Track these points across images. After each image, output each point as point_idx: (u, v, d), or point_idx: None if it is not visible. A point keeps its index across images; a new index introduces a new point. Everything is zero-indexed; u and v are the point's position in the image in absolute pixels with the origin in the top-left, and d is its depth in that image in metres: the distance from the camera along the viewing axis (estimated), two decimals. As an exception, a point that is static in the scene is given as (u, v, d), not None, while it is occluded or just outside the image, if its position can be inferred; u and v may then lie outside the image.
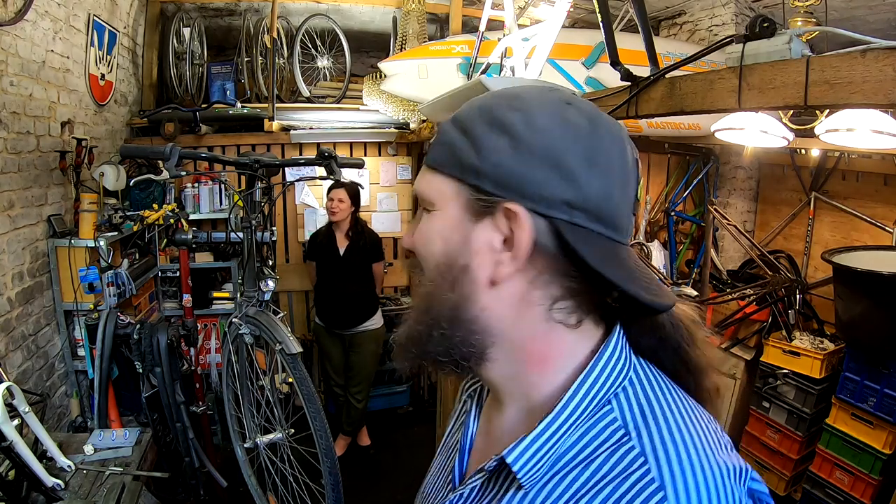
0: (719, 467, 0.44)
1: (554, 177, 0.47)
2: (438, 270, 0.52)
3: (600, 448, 0.47)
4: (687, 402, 0.50)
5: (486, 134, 0.49)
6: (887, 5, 2.95)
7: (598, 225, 0.48)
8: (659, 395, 0.49)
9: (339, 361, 3.30)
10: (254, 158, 1.82)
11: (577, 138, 0.48)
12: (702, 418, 0.49)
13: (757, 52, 1.27)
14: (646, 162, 3.62)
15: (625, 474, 0.44)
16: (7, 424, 1.41)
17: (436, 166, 0.52)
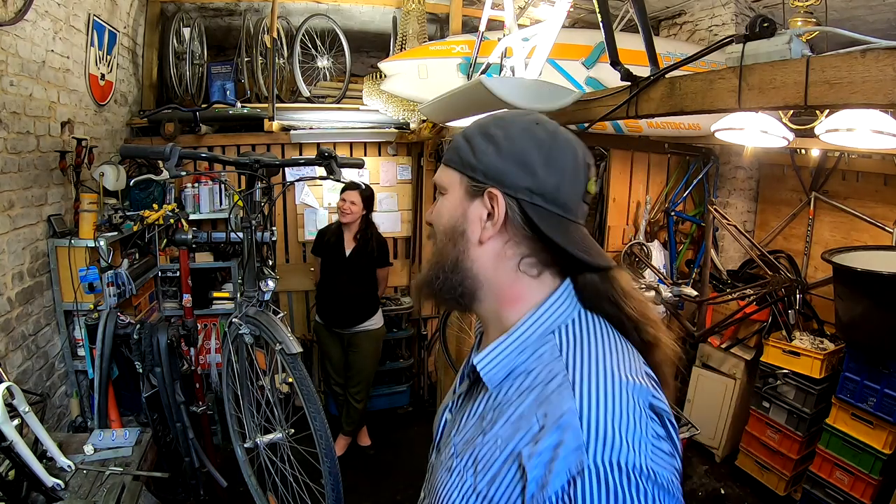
0: (622, 380, 0.61)
1: (521, 172, 0.69)
2: (446, 234, 0.74)
3: (539, 362, 0.67)
4: (614, 338, 0.68)
5: (480, 142, 0.72)
6: (887, 5, 2.95)
7: (552, 206, 0.69)
8: (592, 330, 0.68)
9: (339, 360, 3.30)
10: (254, 158, 1.82)
11: (539, 147, 0.70)
12: (622, 350, 0.66)
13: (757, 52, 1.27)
14: (645, 162, 3.62)
15: (551, 377, 0.63)
16: (7, 424, 1.41)
17: (448, 163, 0.75)
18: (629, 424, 0.58)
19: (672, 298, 2.67)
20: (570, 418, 0.58)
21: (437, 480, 0.73)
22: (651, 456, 0.57)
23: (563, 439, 0.57)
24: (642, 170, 3.62)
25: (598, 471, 0.55)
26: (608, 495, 0.54)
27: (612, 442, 0.56)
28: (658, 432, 0.59)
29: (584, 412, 0.58)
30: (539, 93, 1.70)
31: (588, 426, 0.57)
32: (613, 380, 0.61)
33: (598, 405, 0.58)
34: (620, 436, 0.57)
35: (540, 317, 0.69)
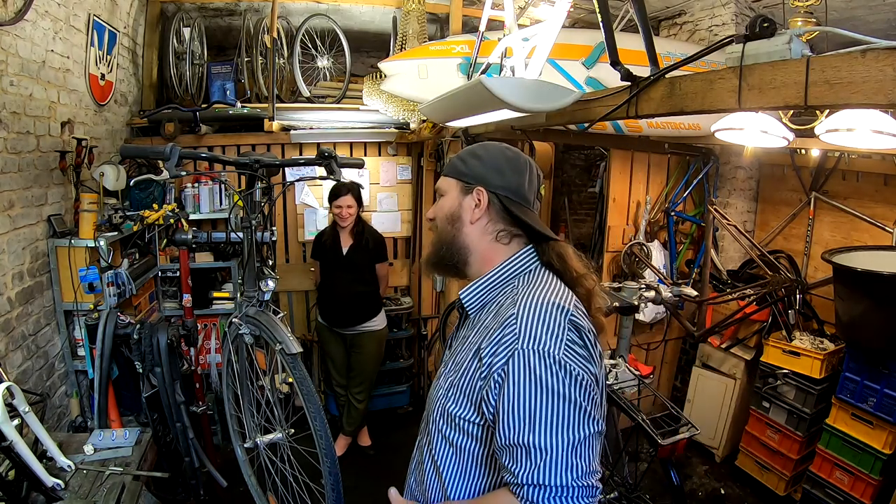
0: (550, 299, 0.91)
1: (497, 176, 1.05)
2: (447, 219, 1.08)
3: (502, 296, 1.00)
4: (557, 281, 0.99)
5: (469, 159, 1.09)
6: (887, 5, 2.95)
7: (516, 198, 1.05)
8: (543, 274, 1.00)
9: (341, 361, 3.30)
10: (254, 158, 1.82)
11: (507, 161, 1.07)
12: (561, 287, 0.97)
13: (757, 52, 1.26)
14: (645, 162, 3.62)
15: (507, 300, 0.97)
16: (7, 424, 1.41)
17: (447, 174, 1.12)
18: (550, 327, 0.86)
19: (672, 298, 2.67)
20: (511, 321, 0.89)
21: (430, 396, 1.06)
22: (565, 351, 0.84)
23: (504, 334, 0.89)
24: (642, 170, 3.61)
25: (524, 354, 0.85)
26: (528, 371, 0.83)
27: (534, 336, 0.86)
28: (574, 339, 0.87)
29: (520, 316, 0.89)
30: (539, 93, 1.70)
31: (520, 325, 0.88)
32: (544, 299, 0.91)
33: (529, 312, 0.89)
34: (541, 333, 0.86)
35: (507, 264, 1.03)
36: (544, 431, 0.80)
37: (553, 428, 0.80)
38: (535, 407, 0.81)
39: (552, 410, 0.80)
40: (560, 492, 0.80)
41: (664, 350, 3.85)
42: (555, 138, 3.61)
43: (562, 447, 0.79)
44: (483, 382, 0.88)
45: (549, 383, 0.81)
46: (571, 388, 0.81)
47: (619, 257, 3.52)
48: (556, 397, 0.81)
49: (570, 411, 0.81)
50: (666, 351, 3.87)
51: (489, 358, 0.88)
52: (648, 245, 3.54)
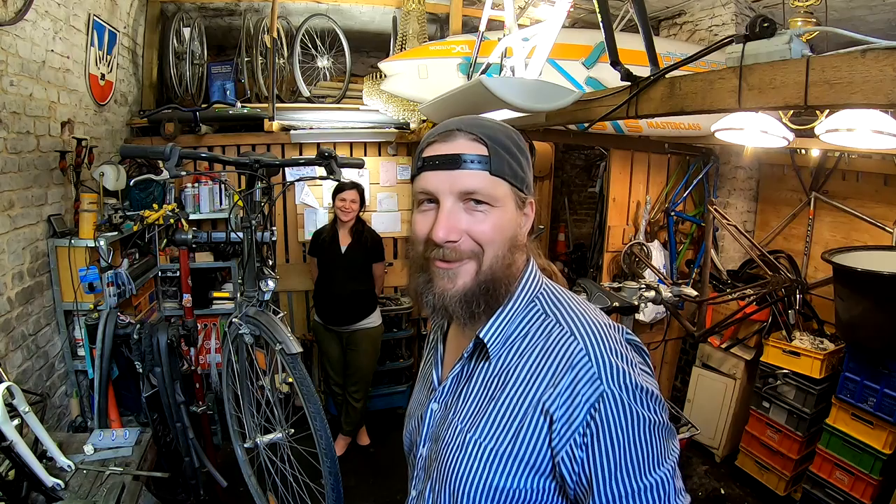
0: (605, 323, 0.76)
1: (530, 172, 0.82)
2: (506, 244, 0.78)
3: (532, 324, 0.78)
4: (579, 300, 0.81)
5: (518, 156, 0.80)
6: (887, 5, 2.95)
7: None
8: (562, 295, 0.82)
9: (338, 360, 3.30)
10: (254, 158, 1.82)
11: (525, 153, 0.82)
12: (589, 306, 0.80)
13: (757, 52, 1.27)
14: (645, 162, 3.62)
15: (548, 333, 0.76)
16: (7, 424, 1.41)
17: (501, 174, 0.77)
18: (622, 354, 0.72)
19: (672, 298, 2.67)
20: (581, 359, 0.71)
21: (446, 465, 0.78)
22: (643, 377, 0.71)
23: (578, 376, 0.70)
24: (642, 170, 3.61)
25: (614, 394, 0.68)
26: (624, 412, 0.68)
27: (615, 370, 0.69)
28: (640, 359, 0.75)
29: (591, 350, 0.71)
30: (539, 93, 1.70)
31: (596, 361, 0.70)
32: (599, 324, 0.75)
33: (597, 344, 0.72)
34: (619, 364, 0.70)
35: (524, 289, 0.82)
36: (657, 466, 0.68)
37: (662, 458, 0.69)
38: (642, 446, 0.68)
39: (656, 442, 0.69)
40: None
41: (664, 350, 3.85)
42: (555, 138, 3.61)
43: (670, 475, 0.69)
44: (561, 442, 0.69)
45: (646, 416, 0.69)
46: (660, 411, 0.70)
47: (619, 257, 3.53)
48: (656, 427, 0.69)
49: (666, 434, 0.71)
50: (666, 351, 3.87)
51: (567, 411, 0.69)
52: (648, 245, 3.54)
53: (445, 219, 0.75)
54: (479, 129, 0.78)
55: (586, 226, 5.20)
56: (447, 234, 0.75)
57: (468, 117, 0.81)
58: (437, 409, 0.85)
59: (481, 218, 0.76)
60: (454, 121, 0.80)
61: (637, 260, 3.46)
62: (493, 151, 0.76)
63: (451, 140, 0.77)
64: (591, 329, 0.73)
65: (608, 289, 2.56)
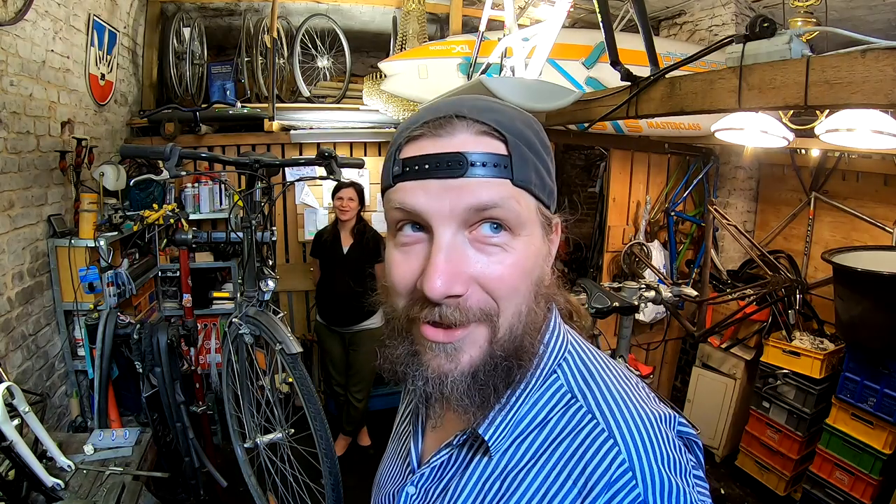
0: (653, 414, 0.52)
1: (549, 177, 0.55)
2: (532, 290, 0.53)
3: (553, 411, 0.53)
4: (613, 366, 0.58)
5: (549, 159, 0.54)
6: (887, 5, 2.95)
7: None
8: (593, 361, 0.57)
9: (340, 360, 3.31)
10: (254, 158, 1.82)
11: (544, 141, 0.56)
12: (629, 378, 0.57)
13: (757, 52, 1.27)
14: (645, 162, 3.62)
15: (577, 429, 0.51)
16: (7, 424, 1.41)
17: (527, 186, 0.51)
18: (675, 464, 0.50)
19: (672, 298, 2.66)
20: (620, 473, 0.48)
21: None
22: (696, 491, 0.51)
23: (618, 498, 0.48)
24: (642, 170, 3.61)
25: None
26: None
27: (668, 489, 0.48)
28: (693, 461, 0.54)
29: (634, 463, 0.49)
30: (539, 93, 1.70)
31: (642, 477, 0.48)
32: (644, 417, 0.52)
33: (644, 451, 0.49)
34: (671, 479, 0.49)
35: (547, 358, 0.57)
36: None
37: None
38: None
39: None
40: None
41: (664, 350, 3.85)
42: (555, 138, 3.60)
43: None
44: None
45: None
46: None
47: (619, 257, 3.52)
48: None
49: None
50: (666, 351, 3.87)
51: None
52: (648, 245, 3.54)
53: (444, 260, 0.49)
54: (490, 114, 0.51)
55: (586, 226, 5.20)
56: (449, 285, 0.49)
57: (469, 97, 0.54)
58: (415, 494, 0.61)
59: (499, 256, 0.50)
60: (450, 102, 0.53)
61: (637, 260, 3.46)
62: (515, 149, 0.51)
63: (449, 132, 0.51)
64: (636, 428, 0.51)
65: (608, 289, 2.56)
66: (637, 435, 0.50)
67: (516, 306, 0.52)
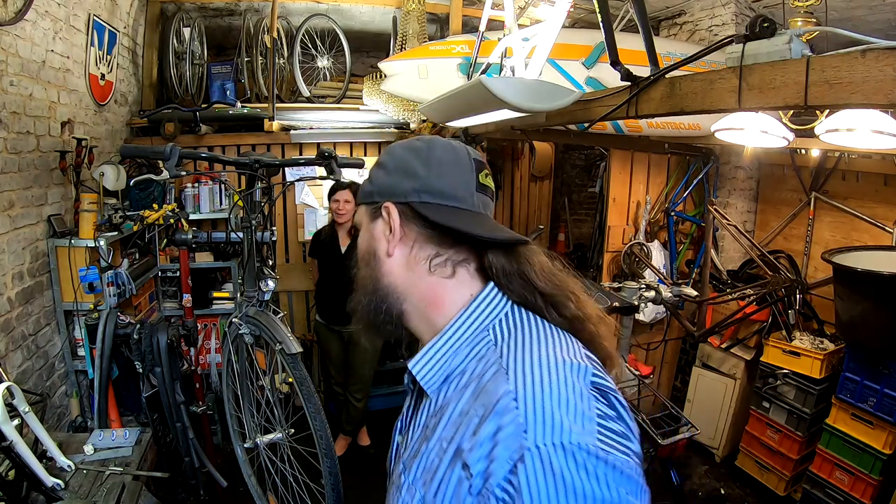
0: (559, 359, 0.60)
1: (405, 179, 0.74)
2: (363, 260, 0.78)
3: (474, 360, 0.66)
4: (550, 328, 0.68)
5: (373, 172, 0.80)
6: (887, 5, 2.95)
7: (440, 199, 0.73)
8: (527, 321, 0.68)
9: (339, 359, 3.31)
10: (254, 158, 1.82)
11: (416, 154, 0.76)
12: (559, 336, 0.66)
13: (757, 52, 1.26)
14: (645, 162, 3.62)
15: (486, 369, 0.63)
16: (7, 424, 1.41)
17: (357, 203, 0.82)
18: (570, 402, 0.55)
19: (672, 298, 2.66)
20: (506, 402, 0.56)
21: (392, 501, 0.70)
22: (599, 436, 0.54)
23: (501, 425, 0.54)
24: (642, 170, 3.61)
25: (541, 453, 0.51)
26: (554, 480, 0.50)
27: (552, 422, 0.53)
28: (605, 412, 0.57)
29: (520, 394, 0.56)
30: (539, 93, 1.70)
31: (526, 408, 0.54)
32: (549, 359, 0.60)
33: (534, 385, 0.56)
34: (560, 416, 0.53)
35: (469, 315, 0.69)
36: None
37: None
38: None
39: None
40: None
41: (664, 350, 3.85)
42: (555, 138, 3.61)
43: None
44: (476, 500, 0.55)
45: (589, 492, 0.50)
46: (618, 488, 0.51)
47: (619, 257, 3.52)
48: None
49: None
50: (666, 351, 3.87)
51: (481, 463, 0.55)
52: (648, 245, 3.54)
53: None
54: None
55: (586, 226, 5.20)
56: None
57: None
58: (400, 440, 0.77)
59: None
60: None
61: (637, 260, 3.46)
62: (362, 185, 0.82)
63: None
64: (531, 367, 0.59)
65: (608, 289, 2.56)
66: (530, 370, 0.59)
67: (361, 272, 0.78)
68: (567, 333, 0.68)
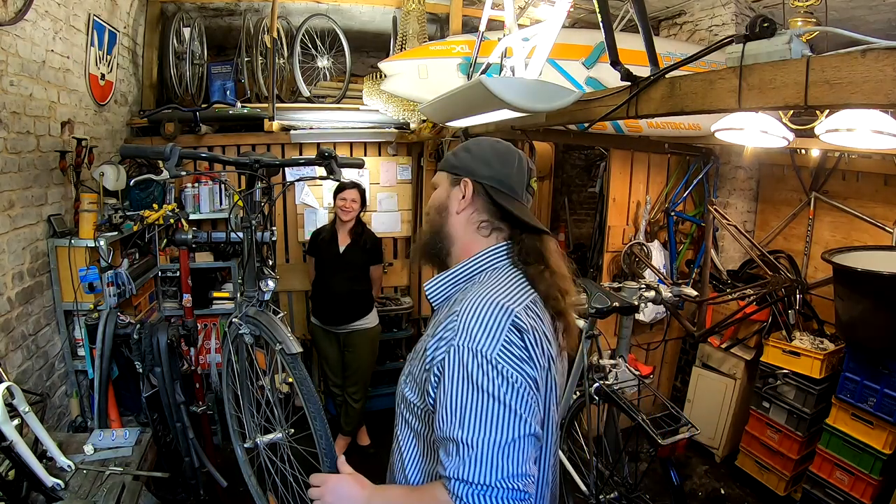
0: (494, 303, 0.90)
1: (483, 166, 1.06)
2: (437, 210, 1.10)
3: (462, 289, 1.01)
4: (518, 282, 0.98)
5: (460, 152, 1.12)
6: (887, 5, 2.95)
7: (503, 187, 1.05)
8: (507, 273, 1.00)
9: (336, 360, 3.30)
10: (254, 158, 1.82)
11: (496, 153, 1.08)
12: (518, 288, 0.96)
13: (757, 52, 1.26)
14: (645, 162, 3.61)
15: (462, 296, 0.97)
16: (7, 424, 1.41)
17: (440, 168, 1.14)
18: (488, 326, 0.87)
19: (672, 298, 2.66)
20: (454, 317, 0.91)
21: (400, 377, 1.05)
22: (500, 352, 0.85)
23: (447, 329, 0.91)
24: (642, 170, 3.61)
25: (458, 351, 0.87)
26: (461, 368, 0.85)
27: (471, 334, 0.87)
28: (513, 340, 0.87)
29: (461, 314, 0.90)
30: (539, 93, 1.70)
31: (460, 322, 0.89)
32: (490, 298, 0.91)
33: (471, 310, 0.90)
34: (478, 331, 0.87)
35: (475, 259, 1.03)
36: (472, 429, 0.82)
37: (481, 426, 0.81)
38: (465, 404, 0.83)
39: (481, 409, 0.82)
40: (485, 490, 0.81)
41: (664, 350, 3.85)
42: (555, 138, 3.61)
43: (488, 446, 0.81)
44: (427, 374, 0.91)
45: (480, 382, 0.83)
46: (502, 389, 0.83)
47: (619, 257, 3.52)
48: (486, 396, 0.82)
49: (499, 412, 0.82)
50: (666, 351, 3.87)
51: (432, 351, 0.91)
52: (648, 245, 3.54)
53: None
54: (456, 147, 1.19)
55: (586, 226, 5.20)
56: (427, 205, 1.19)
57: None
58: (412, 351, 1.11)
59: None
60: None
61: (637, 260, 3.46)
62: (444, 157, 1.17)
63: None
64: (476, 301, 0.91)
65: (608, 289, 2.56)
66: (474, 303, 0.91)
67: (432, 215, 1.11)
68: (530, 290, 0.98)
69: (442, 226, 1.07)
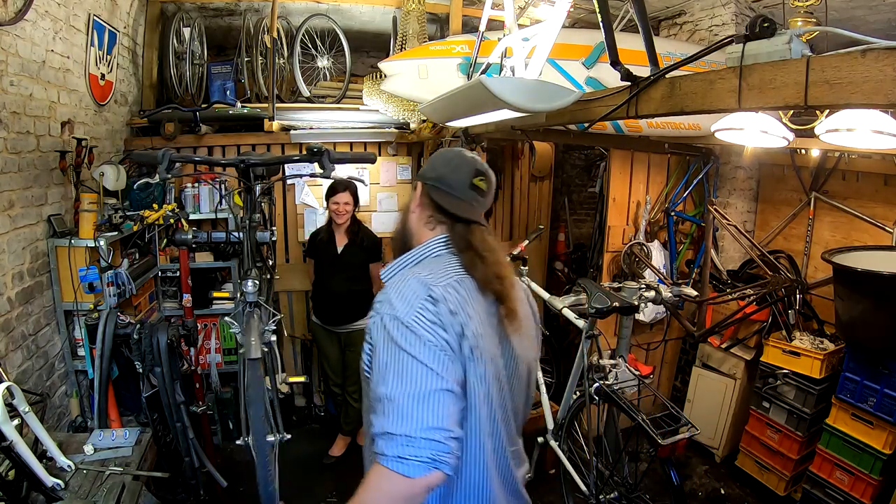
0: (417, 281, 1.05)
1: (430, 170, 1.23)
2: (404, 210, 1.26)
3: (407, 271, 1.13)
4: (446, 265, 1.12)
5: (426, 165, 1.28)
6: (887, 5, 2.95)
7: (442, 185, 1.19)
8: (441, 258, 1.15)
9: (336, 360, 3.31)
10: (239, 158, 1.83)
11: (442, 158, 1.26)
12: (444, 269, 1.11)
13: (757, 52, 1.26)
14: (645, 162, 3.61)
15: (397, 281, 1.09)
16: (7, 424, 1.41)
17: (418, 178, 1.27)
18: (407, 299, 1.01)
19: (672, 298, 2.66)
20: (385, 291, 1.07)
21: None
22: (414, 316, 0.99)
23: (377, 307, 1.05)
24: (642, 170, 3.61)
25: (382, 317, 1.01)
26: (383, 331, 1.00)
27: (392, 305, 1.01)
28: (427, 307, 1.01)
29: (389, 290, 1.06)
30: (539, 93, 1.70)
31: (387, 298, 1.04)
32: (413, 279, 1.06)
33: (395, 290, 1.05)
34: (398, 303, 1.01)
35: (421, 248, 1.18)
36: (392, 383, 0.93)
37: (398, 380, 0.93)
38: (387, 363, 0.96)
39: (399, 365, 0.94)
40: (403, 440, 0.89)
41: (664, 350, 3.85)
42: (555, 138, 3.61)
43: (406, 398, 0.91)
44: (367, 345, 1.07)
45: (398, 341, 0.96)
46: (415, 346, 0.95)
47: (619, 257, 3.52)
48: (402, 354, 0.95)
49: (414, 366, 0.94)
50: (666, 351, 3.87)
51: (370, 318, 1.07)
52: (648, 245, 3.54)
53: None
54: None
55: (586, 226, 5.19)
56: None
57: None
58: None
59: None
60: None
61: (637, 260, 3.46)
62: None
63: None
64: (404, 280, 1.06)
65: (608, 289, 2.55)
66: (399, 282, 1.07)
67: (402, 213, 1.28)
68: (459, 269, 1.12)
69: (405, 223, 1.24)
